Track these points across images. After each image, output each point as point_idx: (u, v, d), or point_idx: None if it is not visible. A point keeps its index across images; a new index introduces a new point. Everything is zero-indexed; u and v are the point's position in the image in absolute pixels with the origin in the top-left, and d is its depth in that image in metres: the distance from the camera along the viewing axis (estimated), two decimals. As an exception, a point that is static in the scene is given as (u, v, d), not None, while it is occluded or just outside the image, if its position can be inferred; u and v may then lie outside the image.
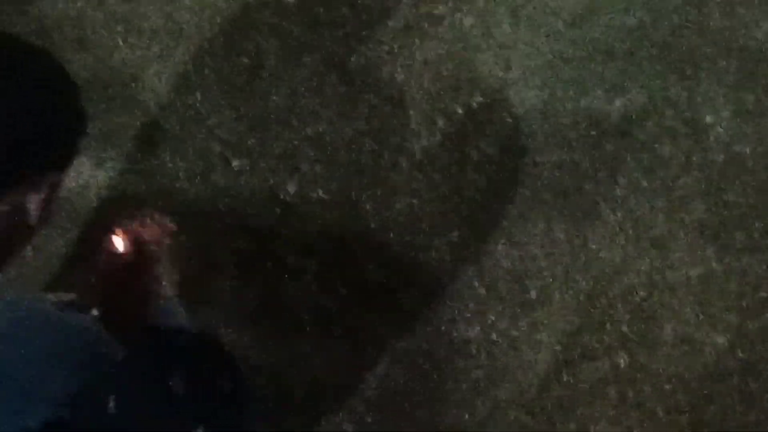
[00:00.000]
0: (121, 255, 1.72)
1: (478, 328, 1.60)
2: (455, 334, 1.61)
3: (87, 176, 1.78)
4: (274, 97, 1.90)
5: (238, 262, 1.70)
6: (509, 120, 1.84)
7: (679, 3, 1.91)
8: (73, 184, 1.78)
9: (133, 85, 1.90)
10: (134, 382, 1.02)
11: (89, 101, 1.85)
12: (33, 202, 1.14)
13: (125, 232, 1.73)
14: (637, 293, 1.59)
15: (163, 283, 1.65)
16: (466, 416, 1.56)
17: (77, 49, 1.93)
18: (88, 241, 1.72)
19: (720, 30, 1.88)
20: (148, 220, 1.79)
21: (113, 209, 1.76)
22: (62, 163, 1.11)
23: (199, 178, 1.80)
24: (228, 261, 1.70)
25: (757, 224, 1.66)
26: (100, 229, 1.72)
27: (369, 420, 1.55)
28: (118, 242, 1.74)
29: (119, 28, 1.96)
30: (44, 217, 1.12)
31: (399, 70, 1.92)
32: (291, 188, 1.79)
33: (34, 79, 1.03)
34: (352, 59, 1.94)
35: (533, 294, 1.62)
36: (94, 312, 1.48)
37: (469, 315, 1.61)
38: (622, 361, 1.53)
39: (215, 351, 1.18)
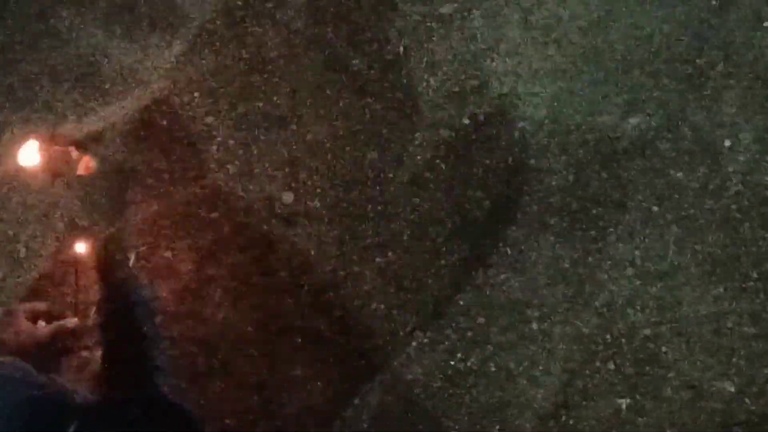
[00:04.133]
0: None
1: (476, 358, 1.54)
2: (452, 364, 1.55)
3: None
4: (275, 97, 1.83)
5: (233, 274, 1.64)
6: (517, 134, 1.75)
7: (702, 14, 1.80)
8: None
9: (128, 78, 1.83)
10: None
11: (80, 92, 1.82)
12: None
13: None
14: (642, 331, 1.52)
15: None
16: (459, 450, 1.52)
17: (73, 37, 1.86)
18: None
19: (745, 47, 1.77)
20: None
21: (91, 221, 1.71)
22: None
23: (193, 181, 1.74)
24: (222, 273, 1.64)
25: (773, 263, 1.58)
26: (76, 233, 1.70)
27: (360, 450, 1.51)
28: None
29: (117, 17, 1.89)
30: None
31: (404, 73, 1.84)
32: (287, 199, 1.72)
33: None
34: (356, 59, 1.86)
35: (534, 326, 1.55)
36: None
37: (467, 344, 1.55)
38: (624, 404, 1.46)
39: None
